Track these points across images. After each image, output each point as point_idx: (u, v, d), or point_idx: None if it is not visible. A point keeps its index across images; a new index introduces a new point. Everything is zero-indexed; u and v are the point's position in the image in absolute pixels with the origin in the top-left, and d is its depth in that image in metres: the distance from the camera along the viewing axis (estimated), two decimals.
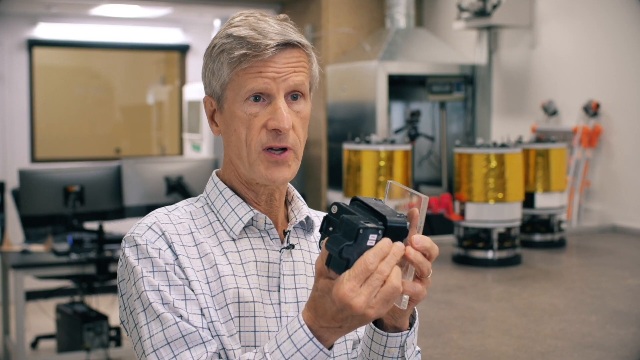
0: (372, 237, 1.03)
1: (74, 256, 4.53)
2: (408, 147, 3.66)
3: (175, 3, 6.62)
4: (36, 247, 4.77)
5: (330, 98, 5.88)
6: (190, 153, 7.43)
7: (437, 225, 4.97)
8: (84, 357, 4.62)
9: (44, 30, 7.40)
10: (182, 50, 8.03)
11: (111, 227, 5.19)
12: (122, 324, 1.26)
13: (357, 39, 5.90)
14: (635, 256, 3.71)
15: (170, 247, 1.22)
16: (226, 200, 1.29)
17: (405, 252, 1.08)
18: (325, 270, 1.06)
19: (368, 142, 3.63)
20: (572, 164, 4.60)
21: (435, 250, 1.11)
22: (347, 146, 3.68)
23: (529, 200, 3.79)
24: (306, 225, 1.34)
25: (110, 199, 5.16)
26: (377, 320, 1.23)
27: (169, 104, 8.30)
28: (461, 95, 5.64)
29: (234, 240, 1.27)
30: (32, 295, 6.09)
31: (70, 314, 4.92)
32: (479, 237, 3.46)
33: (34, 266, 4.52)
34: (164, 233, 1.23)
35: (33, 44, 7.36)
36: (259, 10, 1.28)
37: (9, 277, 4.95)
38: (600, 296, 2.87)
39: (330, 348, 1.09)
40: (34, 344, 5.62)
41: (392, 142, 3.65)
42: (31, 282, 5.55)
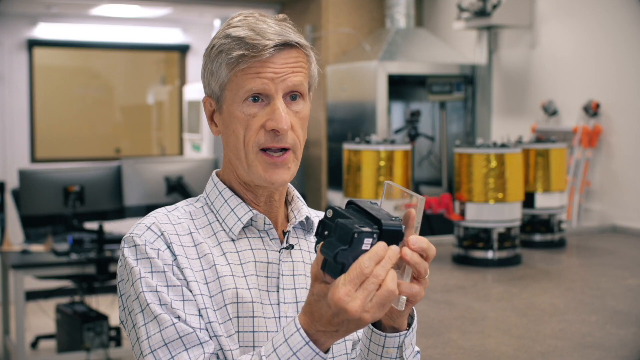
0: (367, 241, 1.03)
1: (74, 256, 4.53)
2: (408, 147, 3.66)
3: (175, 3, 6.62)
4: (36, 247, 4.77)
5: (330, 98, 5.88)
6: (190, 153, 7.43)
7: (437, 225, 4.97)
8: (84, 357, 4.62)
9: (44, 30, 7.40)
10: (182, 50, 8.03)
11: (111, 227, 5.18)
12: (121, 324, 1.26)
13: (357, 39, 5.90)
14: (635, 256, 3.71)
15: (169, 247, 1.22)
16: (225, 201, 1.29)
17: (402, 253, 1.08)
18: (321, 274, 1.06)
19: (368, 142, 3.63)
20: (572, 164, 4.60)
21: (432, 250, 1.10)
22: (347, 146, 3.68)
23: (529, 200, 3.79)
24: (306, 226, 1.34)
25: (110, 199, 5.16)
26: (375, 321, 1.23)
27: (169, 104, 8.30)
28: (461, 95, 5.64)
29: (233, 241, 1.27)
30: (32, 295, 6.09)
31: (70, 314, 4.92)
32: (479, 237, 3.46)
33: (34, 266, 4.52)
34: (162, 233, 1.23)
35: (33, 44, 7.36)
36: (258, 11, 1.27)
37: (9, 277, 4.95)
38: (600, 296, 2.87)
39: (326, 352, 1.09)
40: (34, 344, 5.62)
41: (392, 142, 3.65)
42: (31, 282, 5.55)
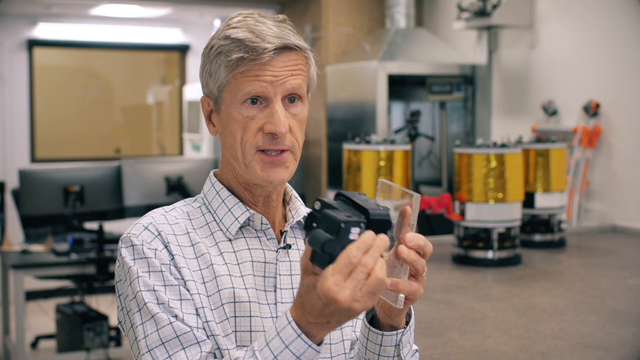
0: (355, 231, 1.02)
1: (74, 256, 4.53)
2: (408, 147, 3.66)
3: (175, 3, 6.62)
4: (36, 247, 4.77)
5: (330, 98, 5.88)
6: (190, 153, 7.43)
7: (437, 225, 4.97)
8: (84, 357, 4.62)
9: (44, 30, 7.40)
10: (182, 50, 8.03)
11: (111, 227, 5.19)
12: (120, 325, 1.26)
13: (357, 39, 5.90)
14: (635, 256, 3.71)
15: (166, 247, 1.22)
16: (223, 201, 1.29)
17: (399, 251, 1.08)
18: (310, 266, 1.05)
19: (368, 142, 3.63)
20: (572, 164, 4.60)
21: (429, 248, 1.10)
22: (347, 146, 3.67)
23: (529, 200, 3.79)
24: (304, 225, 1.34)
25: (110, 199, 5.16)
26: (373, 319, 1.23)
27: (169, 104, 8.30)
28: (461, 95, 5.64)
29: (230, 241, 1.27)
30: (32, 295, 6.09)
31: (70, 314, 4.92)
32: (479, 237, 3.46)
33: (34, 266, 4.52)
34: (160, 233, 1.23)
35: (33, 44, 7.36)
36: (258, 11, 1.27)
37: (9, 277, 4.95)
38: (600, 296, 2.87)
39: (319, 344, 1.08)
40: (34, 344, 5.62)
41: (392, 142, 3.64)
42: (31, 282, 5.55)
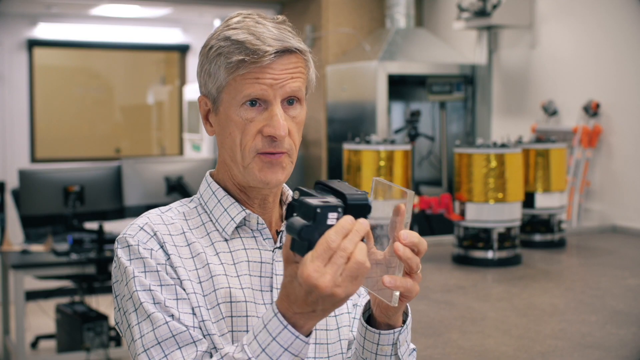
0: (332, 216, 1.02)
1: (74, 256, 4.53)
2: (408, 147, 3.66)
3: (175, 3, 6.62)
4: (36, 247, 4.77)
5: (330, 98, 5.88)
6: (190, 153, 7.43)
7: (437, 225, 4.97)
8: (84, 357, 4.62)
9: (44, 30, 7.40)
10: (182, 50, 8.03)
11: (111, 227, 5.19)
12: (117, 325, 1.26)
13: (357, 39, 5.90)
14: (635, 256, 3.71)
15: (162, 247, 1.22)
16: (219, 201, 1.29)
17: (395, 249, 1.08)
18: (292, 255, 1.05)
19: (368, 142, 3.63)
20: (572, 164, 4.60)
21: (424, 245, 1.10)
22: (347, 146, 3.67)
23: (529, 200, 3.79)
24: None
25: (110, 199, 5.16)
26: (370, 318, 1.22)
27: (169, 104, 8.30)
28: (461, 95, 5.64)
29: (226, 241, 1.27)
30: (32, 295, 6.09)
31: (70, 314, 4.92)
32: (479, 237, 3.46)
33: (34, 266, 4.52)
34: (155, 233, 1.23)
35: (33, 44, 7.36)
36: (257, 11, 1.27)
37: (9, 277, 4.95)
38: (600, 296, 2.87)
39: (308, 335, 1.07)
40: (34, 344, 5.62)
41: (392, 142, 3.64)
42: (31, 282, 5.55)
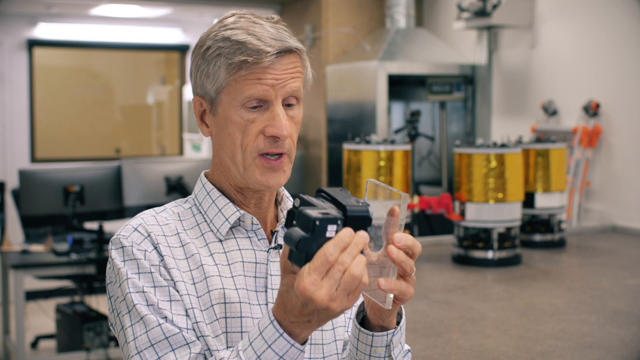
0: (332, 228, 1.00)
1: (74, 256, 4.53)
2: (408, 147, 3.66)
3: (175, 3, 6.62)
4: (36, 247, 4.77)
5: (330, 98, 5.88)
6: (190, 153, 7.44)
7: (437, 225, 4.97)
8: (84, 357, 4.62)
9: (44, 30, 7.40)
10: (182, 50, 8.03)
11: (111, 227, 5.18)
12: (111, 326, 1.25)
13: (357, 39, 5.90)
14: (635, 256, 3.71)
15: (155, 248, 1.21)
16: (213, 201, 1.28)
17: (388, 251, 1.07)
18: (289, 265, 1.04)
19: (368, 142, 3.63)
20: (572, 164, 4.60)
21: (418, 247, 1.09)
22: (347, 146, 3.67)
23: (529, 200, 3.79)
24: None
25: (110, 199, 5.16)
26: (364, 320, 1.22)
27: (169, 104, 8.30)
28: (461, 95, 5.64)
29: (221, 241, 1.26)
30: (32, 295, 6.09)
31: (70, 314, 4.92)
32: (479, 237, 3.46)
33: (34, 266, 4.52)
34: (149, 234, 1.22)
35: (33, 44, 7.36)
36: (250, 11, 1.26)
37: (9, 277, 4.95)
38: (600, 296, 2.87)
39: (303, 344, 1.07)
40: (34, 344, 5.62)
41: (392, 142, 3.64)
42: (31, 282, 5.55)
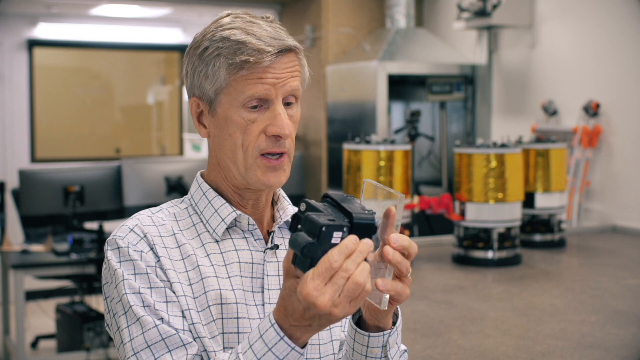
0: (337, 235, 1.01)
1: (74, 256, 4.53)
2: (408, 147, 3.65)
3: (175, 3, 6.62)
4: (36, 247, 4.77)
5: (330, 98, 5.88)
6: (190, 153, 7.44)
7: (437, 225, 4.97)
8: (84, 357, 4.62)
9: (44, 30, 7.40)
10: (182, 50, 8.03)
11: (111, 227, 5.18)
12: (107, 327, 1.25)
13: (357, 39, 5.90)
14: (635, 256, 3.71)
15: (152, 249, 1.21)
16: (209, 202, 1.28)
17: (384, 252, 1.07)
18: (292, 269, 1.05)
19: (368, 142, 3.63)
20: (572, 164, 4.60)
21: (414, 248, 1.09)
22: (347, 146, 3.67)
23: (529, 200, 3.79)
24: (289, 227, 1.33)
25: (110, 199, 5.16)
26: (360, 320, 1.22)
27: (169, 104, 8.30)
28: (461, 95, 5.64)
29: (217, 242, 1.26)
30: (32, 295, 6.09)
31: (70, 314, 4.92)
32: (479, 237, 3.46)
33: (34, 266, 4.52)
34: (145, 235, 1.22)
35: (33, 44, 7.36)
36: (245, 10, 1.26)
37: (9, 277, 4.95)
38: (600, 296, 2.87)
39: (303, 347, 1.07)
40: (34, 344, 5.62)
41: (392, 142, 3.64)
42: (31, 282, 5.55)
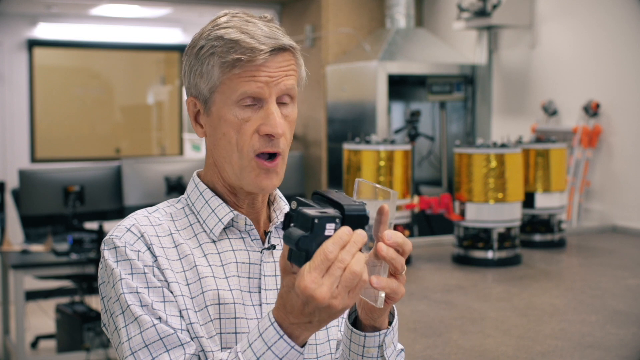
0: (330, 227, 1.02)
1: (74, 256, 4.53)
2: (408, 147, 3.65)
3: (175, 3, 6.62)
4: (36, 247, 4.77)
5: (330, 98, 5.88)
6: (190, 153, 7.44)
7: (437, 225, 4.97)
8: (84, 357, 4.62)
9: (44, 30, 7.40)
10: (182, 50, 7.99)
11: (111, 227, 5.17)
12: (104, 327, 1.25)
13: (357, 39, 5.90)
14: (635, 256, 3.71)
15: (149, 248, 1.21)
16: (206, 202, 1.28)
17: (378, 249, 1.07)
18: (289, 265, 1.04)
19: (368, 142, 3.62)
20: (572, 164, 4.60)
21: (409, 245, 1.09)
22: (347, 146, 3.67)
23: (529, 200, 3.79)
24: (282, 226, 1.33)
25: (110, 199, 5.16)
26: (355, 320, 1.22)
27: (169, 104, 8.30)
28: (461, 95, 5.64)
29: (214, 242, 1.26)
30: (32, 295, 6.09)
31: (70, 314, 4.92)
32: (479, 237, 3.46)
33: (34, 266, 4.52)
34: (142, 235, 1.22)
35: (33, 44, 7.36)
36: (243, 10, 1.26)
37: (9, 277, 4.95)
38: (600, 296, 2.87)
39: (302, 346, 1.07)
40: (34, 344, 5.62)
41: (392, 142, 3.64)
42: (31, 282, 5.54)
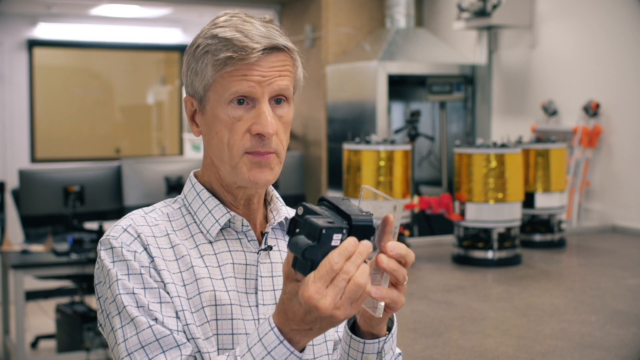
0: (337, 237, 1.02)
1: (74, 256, 4.53)
2: (408, 147, 3.65)
3: (175, 3, 6.62)
4: (36, 247, 4.77)
5: (330, 98, 5.88)
6: (190, 153, 7.44)
7: (437, 225, 4.97)
8: (84, 357, 4.62)
9: (44, 30, 7.40)
10: (182, 50, 8.03)
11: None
12: (100, 327, 1.25)
13: (357, 39, 5.90)
14: (635, 256, 3.71)
15: (145, 249, 1.21)
16: (203, 202, 1.27)
17: (378, 261, 1.07)
18: (292, 272, 1.04)
19: (368, 142, 3.62)
20: (572, 164, 4.60)
21: (411, 257, 1.09)
22: (347, 146, 3.67)
23: (529, 200, 3.79)
24: (285, 226, 1.32)
25: (110, 199, 5.16)
26: (354, 327, 1.21)
27: (169, 104, 8.30)
28: (461, 95, 5.64)
29: (210, 243, 1.25)
30: (32, 295, 6.09)
31: (70, 314, 4.92)
32: (479, 237, 3.46)
33: (34, 266, 4.52)
34: (139, 235, 1.21)
35: (33, 44, 7.36)
36: (243, 10, 1.26)
37: (9, 277, 4.95)
38: (600, 296, 2.87)
39: (302, 351, 1.07)
40: (34, 344, 5.62)
41: (392, 142, 3.64)
42: (31, 282, 5.55)
